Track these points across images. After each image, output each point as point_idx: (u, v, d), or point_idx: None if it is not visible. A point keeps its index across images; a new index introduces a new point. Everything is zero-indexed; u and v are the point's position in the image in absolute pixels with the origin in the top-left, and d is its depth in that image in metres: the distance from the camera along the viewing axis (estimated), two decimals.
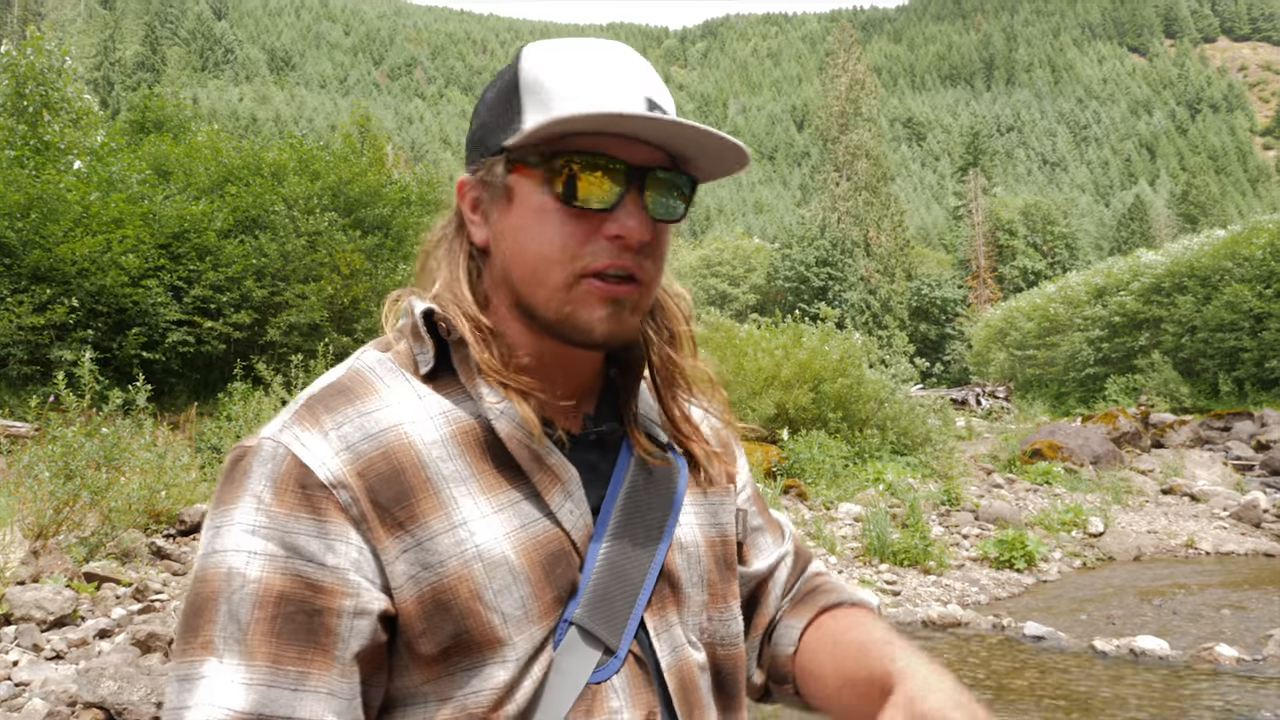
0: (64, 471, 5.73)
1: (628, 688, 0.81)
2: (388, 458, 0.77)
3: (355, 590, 0.73)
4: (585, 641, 0.80)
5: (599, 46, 0.84)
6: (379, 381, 0.81)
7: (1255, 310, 27.67)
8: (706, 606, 0.91)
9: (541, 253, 0.81)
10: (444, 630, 0.75)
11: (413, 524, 0.76)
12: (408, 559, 0.75)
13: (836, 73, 54.75)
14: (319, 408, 0.79)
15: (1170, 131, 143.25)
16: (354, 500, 0.75)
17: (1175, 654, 5.32)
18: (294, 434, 0.77)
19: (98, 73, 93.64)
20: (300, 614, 0.72)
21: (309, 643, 0.71)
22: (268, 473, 0.75)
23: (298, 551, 0.73)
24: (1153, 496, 10.90)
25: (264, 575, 0.72)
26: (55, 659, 4.30)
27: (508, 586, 0.76)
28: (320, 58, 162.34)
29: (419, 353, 0.84)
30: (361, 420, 0.78)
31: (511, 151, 0.82)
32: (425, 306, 0.83)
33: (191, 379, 13.47)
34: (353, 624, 0.73)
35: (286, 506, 0.74)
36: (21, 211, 11.90)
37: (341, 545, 0.74)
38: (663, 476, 0.90)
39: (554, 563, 0.79)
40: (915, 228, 75.28)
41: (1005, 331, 40.31)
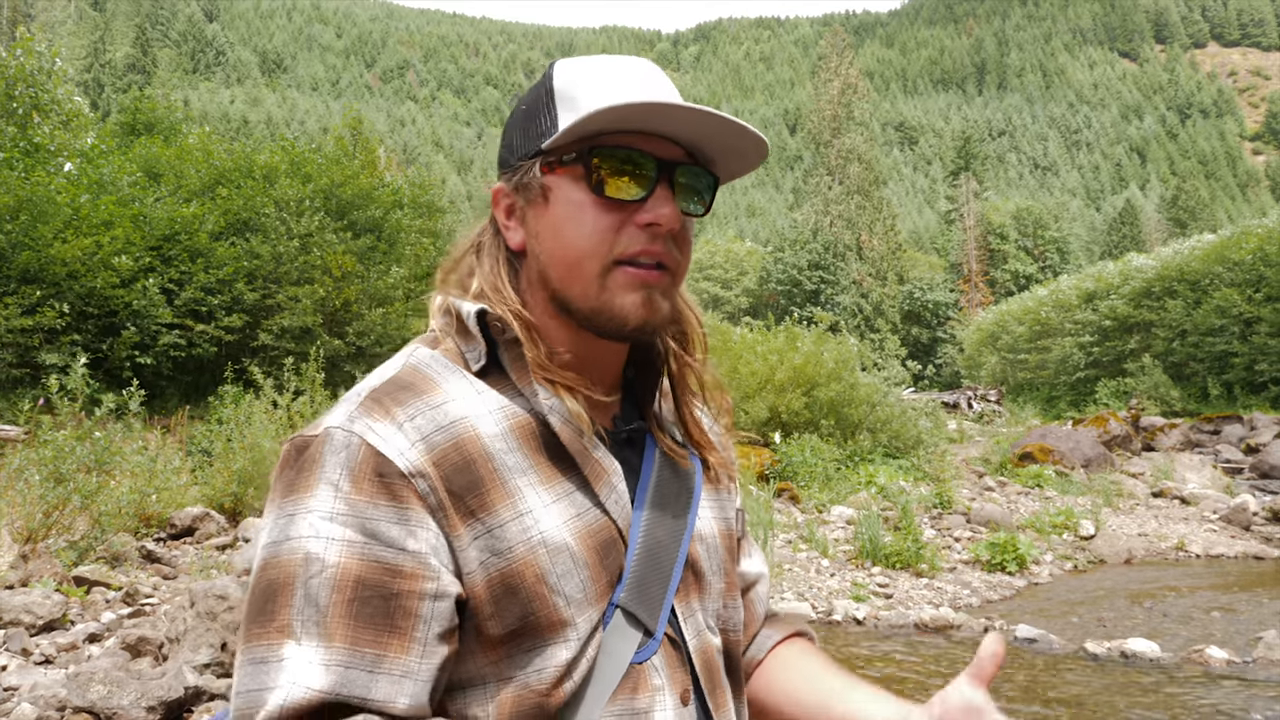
0: (54, 475, 5.69)
1: (665, 667, 0.86)
2: (459, 449, 0.81)
3: (436, 574, 0.77)
4: (629, 624, 0.85)
5: (627, 60, 0.90)
6: (438, 377, 0.86)
7: (1245, 314, 27.83)
8: (723, 594, 0.98)
9: (579, 245, 0.86)
10: (512, 613, 0.79)
11: (483, 512, 0.80)
12: (478, 545, 0.79)
13: (829, 77, 54.89)
14: (386, 400, 0.82)
15: (1160, 136, 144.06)
16: (431, 489, 0.78)
17: (1166, 656, 5.34)
18: (366, 424, 0.79)
19: (88, 74, 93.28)
20: (377, 598, 0.75)
21: (385, 626, 0.74)
22: (342, 461, 0.78)
23: (377, 537, 0.76)
24: (1143, 499, 10.95)
25: (342, 560, 0.75)
26: (44, 663, 4.28)
27: (569, 571, 0.81)
28: (312, 60, 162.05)
29: (468, 350, 0.88)
30: (432, 413, 0.82)
31: (547, 153, 0.87)
32: (478, 306, 0.87)
33: (182, 382, 13.41)
34: (434, 606, 0.76)
35: (366, 494, 0.77)
36: (11, 214, 11.84)
37: (422, 531, 0.77)
38: (682, 472, 0.96)
39: (606, 549, 0.85)
40: (907, 231, 75.49)
41: (997, 335, 40.46)
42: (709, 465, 1.00)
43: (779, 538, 8.01)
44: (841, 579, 7.10)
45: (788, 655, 1.07)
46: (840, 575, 7.21)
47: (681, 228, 0.88)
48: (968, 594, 6.96)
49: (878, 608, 6.44)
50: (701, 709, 0.90)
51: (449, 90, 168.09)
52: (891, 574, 7.26)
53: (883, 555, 7.44)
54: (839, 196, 52.24)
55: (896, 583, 7.07)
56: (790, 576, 7.09)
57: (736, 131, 0.85)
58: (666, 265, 0.88)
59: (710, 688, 0.91)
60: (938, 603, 6.66)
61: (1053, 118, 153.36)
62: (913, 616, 6.20)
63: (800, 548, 7.87)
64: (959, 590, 7.01)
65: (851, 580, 7.06)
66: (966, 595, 6.93)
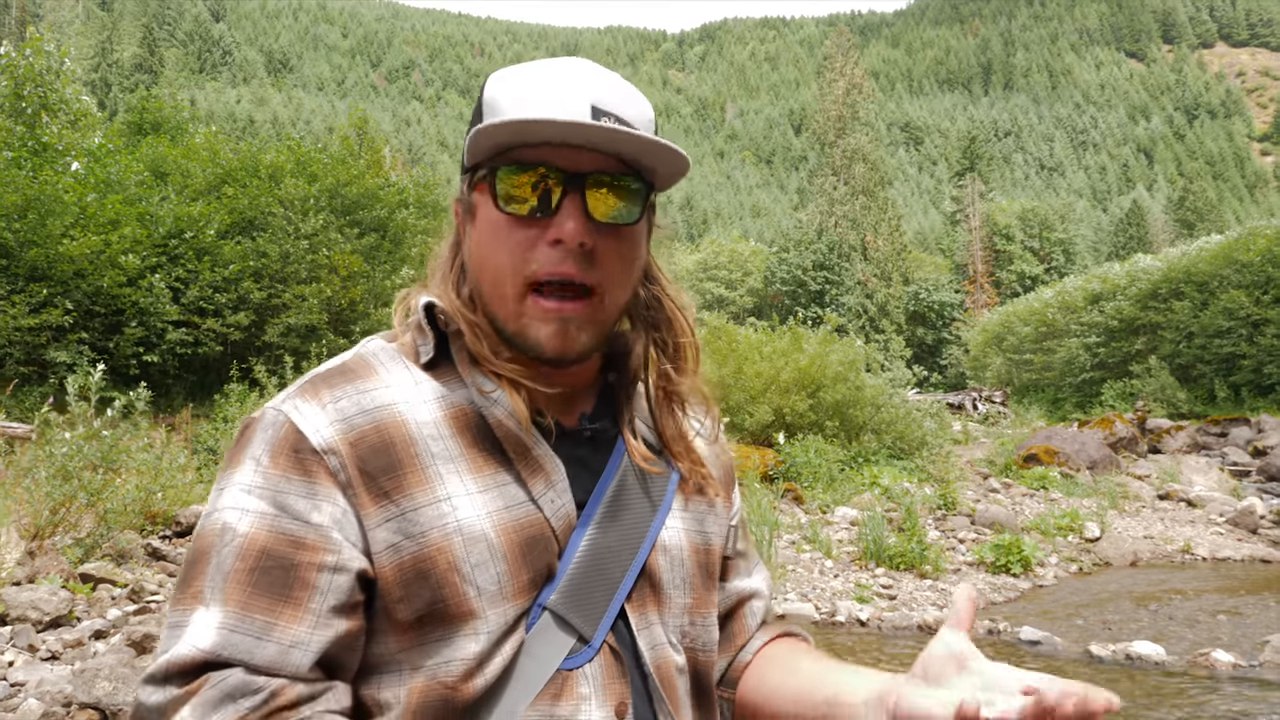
0: (61, 473, 5.72)
1: (600, 677, 0.83)
2: (379, 431, 0.82)
3: (336, 547, 0.78)
4: (559, 628, 0.82)
5: (556, 64, 0.87)
6: (380, 365, 0.88)
7: (1252, 316, 27.73)
8: (689, 610, 0.93)
9: (495, 264, 0.86)
10: (421, 598, 0.79)
11: (398, 494, 0.80)
12: (390, 527, 0.80)
13: (834, 77, 54.82)
14: (320, 384, 0.85)
15: (1168, 137, 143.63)
16: (342, 466, 0.80)
17: (1171, 659, 5.32)
18: (294, 404, 0.83)
19: (95, 74, 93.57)
20: (277, 568, 0.77)
21: (281, 596, 0.76)
22: (268, 438, 0.82)
23: (286, 510, 0.78)
24: (1149, 502, 10.91)
25: (251, 530, 0.78)
26: (51, 659, 4.30)
27: (484, 562, 0.80)
28: (318, 60, 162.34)
29: (421, 343, 0.90)
30: (359, 396, 0.84)
31: (471, 171, 0.89)
32: (426, 300, 0.90)
33: (188, 380, 13.45)
34: (332, 579, 0.77)
35: (280, 468, 0.80)
36: (19, 212, 11.89)
37: (327, 505, 0.79)
38: (653, 479, 0.93)
39: (532, 546, 0.83)
40: (912, 232, 75.39)
41: (1002, 336, 40.36)
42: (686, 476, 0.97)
43: (783, 538, 8.01)
44: (845, 580, 7.10)
45: (774, 653, 1.05)
46: (844, 576, 7.20)
47: (597, 242, 0.84)
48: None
49: (881, 609, 6.44)
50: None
51: (454, 90, 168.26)
52: (895, 575, 7.25)
53: (886, 556, 7.43)
54: (844, 197, 52.18)
55: (900, 584, 7.06)
56: (794, 577, 7.09)
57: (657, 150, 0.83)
58: (587, 284, 0.84)
59: (660, 705, 0.87)
60: (941, 604, 6.65)
61: (1059, 118, 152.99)
62: (916, 618, 6.19)
63: (804, 548, 7.87)
64: None
65: (855, 581, 7.05)
66: None
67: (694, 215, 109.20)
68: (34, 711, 3.52)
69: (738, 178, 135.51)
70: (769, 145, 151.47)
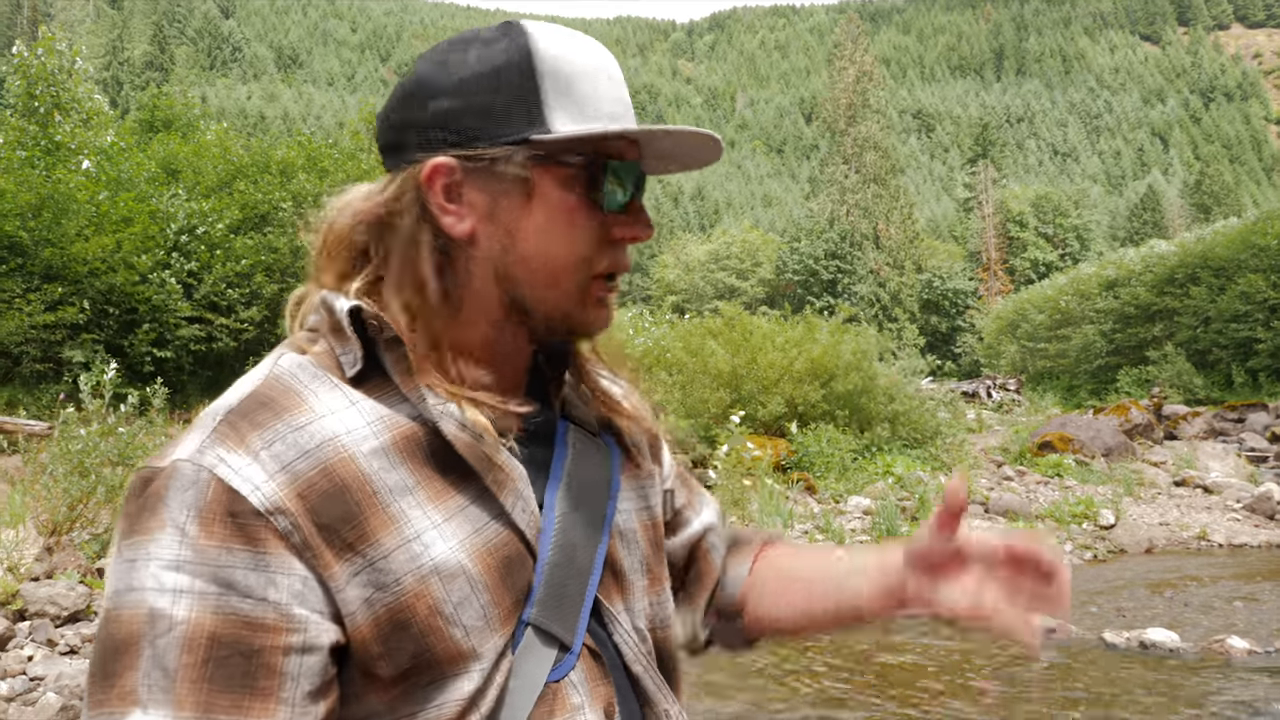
0: (78, 469, 5.78)
1: (585, 681, 0.79)
2: (328, 475, 0.70)
3: (302, 625, 0.67)
4: (542, 641, 0.77)
5: (594, 44, 0.82)
6: (304, 389, 0.74)
7: (1270, 300, 27.45)
8: (646, 591, 0.90)
9: (570, 254, 0.79)
10: (404, 651, 0.71)
11: (363, 544, 0.70)
12: (359, 581, 0.69)
13: (844, 64, 54.53)
14: (242, 424, 0.71)
15: (1183, 120, 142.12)
16: (295, 526, 0.68)
17: (1186, 646, 5.30)
18: (217, 455, 0.69)
19: (106, 72, 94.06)
20: (235, 656, 0.65)
21: (245, 688, 0.65)
22: (189, 500, 0.67)
23: (232, 587, 0.66)
24: (1165, 488, 10.85)
25: (193, 615, 0.65)
26: (69, 654, 4.35)
27: (467, 598, 0.72)
28: (327, 55, 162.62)
29: (342, 353, 0.77)
30: (294, 436, 0.71)
31: (539, 147, 0.77)
32: (351, 304, 0.76)
33: (203, 376, 13.55)
34: (302, 661, 0.67)
35: (216, 539, 0.66)
36: (33, 211, 11.98)
37: (283, 578, 0.67)
38: (597, 463, 0.88)
39: (510, 566, 0.76)
40: (925, 220, 74.96)
41: (1016, 324, 40.11)
42: (626, 447, 0.93)
43: (796, 528, 8.00)
44: None
45: (762, 575, 1.04)
46: None
47: None
48: None
49: None
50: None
51: None
52: None
53: None
54: (855, 185, 51.96)
55: None
56: None
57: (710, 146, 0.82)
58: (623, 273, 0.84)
59: (640, 696, 0.84)
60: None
61: (1073, 103, 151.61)
62: None
63: (816, 538, 7.86)
64: None
65: None
66: None
67: (705, 205, 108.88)
68: (53, 705, 3.56)
69: (749, 167, 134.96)
70: (780, 134, 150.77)
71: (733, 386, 10.76)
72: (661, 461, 1.01)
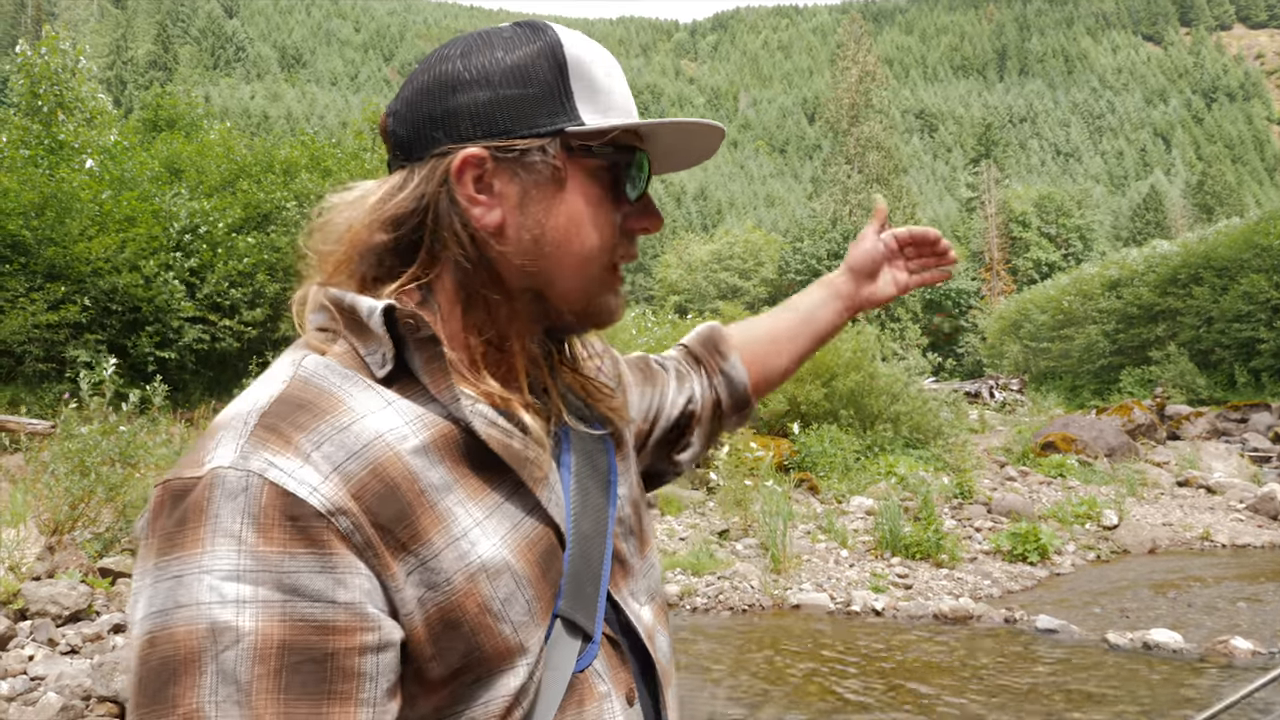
0: (80, 468, 5.78)
1: (608, 669, 0.81)
2: (379, 475, 0.69)
3: (376, 623, 0.66)
4: (568, 632, 0.78)
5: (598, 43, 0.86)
6: (339, 390, 0.73)
7: (1272, 301, 27.42)
8: (641, 565, 0.92)
9: (594, 244, 0.81)
10: (455, 650, 0.70)
11: (415, 543, 0.70)
12: (413, 581, 0.69)
13: (847, 65, 54.48)
14: (282, 425, 0.69)
15: (1186, 120, 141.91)
16: (356, 527, 0.67)
17: (1189, 647, 5.29)
18: (264, 460, 0.67)
19: (110, 72, 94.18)
20: (309, 663, 0.63)
21: (323, 694, 0.64)
22: (241, 507, 0.65)
23: (299, 592, 0.64)
24: (1168, 489, 10.83)
25: (259, 625, 0.62)
26: (70, 653, 4.34)
27: (513, 593, 0.73)
28: (331, 55, 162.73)
29: (368, 354, 0.75)
30: (340, 436, 0.70)
31: (574, 138, 0.79)
32: (385, 303, 0.75)
33: (206, 376, 13.56)
34: (379, 660, 0.66)
35: (277, 544, 0.64)
36: (37, 210, 11.99)
37: (352, 578, 0.66)
38: (598, 456, 0.90)
39: (548, 559, 0.77)
40: (928, 220, 74.93)
41: (1019, 324, 40.09)
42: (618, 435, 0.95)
43: (798, 528, 7.99)
44: (861, 569, 7.08)
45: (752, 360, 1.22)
46: (859, 566, 7.18)
47: None
48: (988, 584, 6.92)
49: (897, 598, 6.42)
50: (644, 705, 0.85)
51: None
52: (911, 564, 7.23)
53: (902, 546, 7.41)
54: (858, 185, 51.93)
55: (916, 573, 7.04)
56: (809, 567, 7.08)
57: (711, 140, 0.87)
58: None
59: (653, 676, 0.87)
60: (958, 593, 6.62)
61: (1075, 103, 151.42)
62: (932, 607, 6.18)
63: (819, 538, 7.85)
64: (979, 581, 6.98)
65: (871, 571, 7.03)
66: (987, 586, 6.89)
67: (708, 205, 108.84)
68: (53, 705, 3.56)
69: (751, 167, 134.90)
70: (783, 134, 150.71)
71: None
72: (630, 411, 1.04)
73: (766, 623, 6.01)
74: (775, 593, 6.46)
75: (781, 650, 5.42)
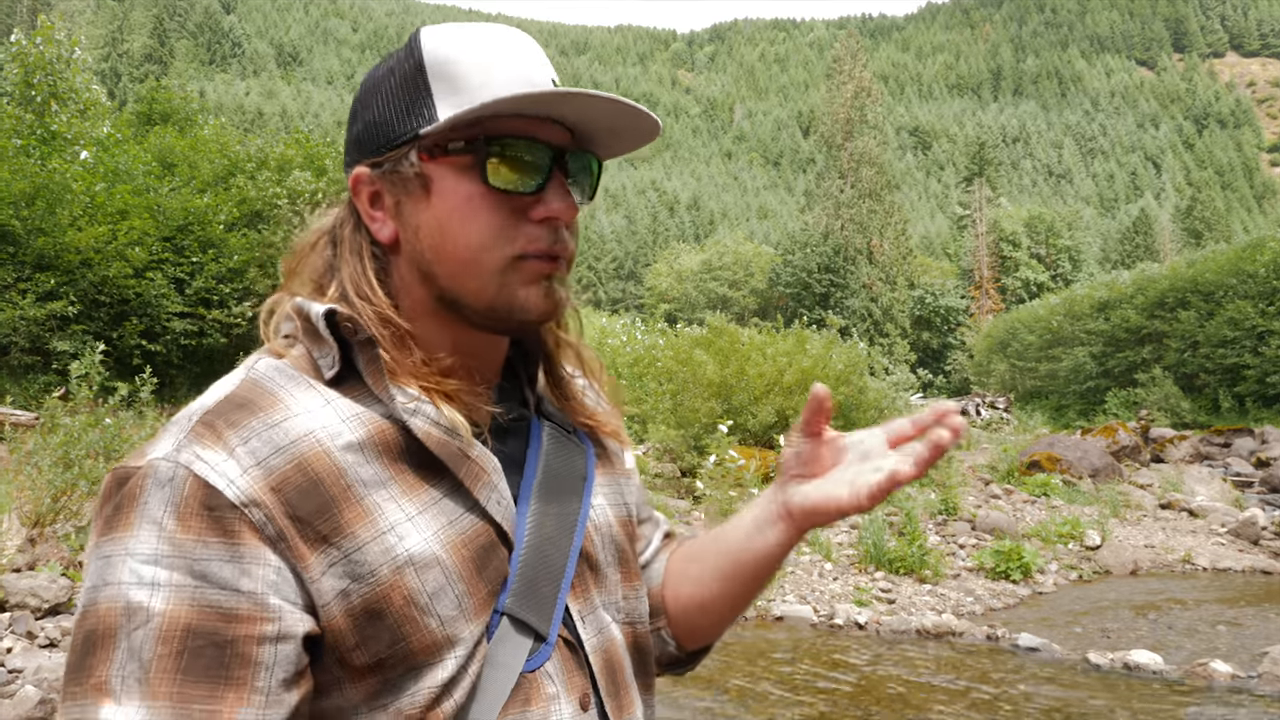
0: (63, 460, 5.74)
1: (561, 672, 0.81)
2: (302, 469, 0.72)
3: (276, 614, 0.69)
4: (517, 630, 0.79)
5: (498, 30, 0.83)
6: (281, 390, 0.77)
7: (1258, 327, 27.68)
8: (620, 585, 0.92)
9: (474, 242, 0.80)
10: (379, 640, 0.72)
11: (337, 536, 0.72)
12: (335, 573, 0.71)
13: (842, 80, 54.76)
14: (218, 423, 0.73)
15: (1177, 146, 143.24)
16: (269, 519, 0.70)
17: (1169, 669, 5.31)
18: (193, 453, 0.70)
19: (105, 64, 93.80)
20: (210, 647, 0.66)
21: (220, 678, 0.66)
22: (166, 497, 0.69)
23: (207, 579, 0.67)
24: (1151, 511, 10.89)
25: (168, 608, 0.66)
26: (49, 646, 4.31)
27: (442, 588, 0.74)
28: (328, 54, 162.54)
29: (319, 356, 0.79)
30: (269, 433, 0.73)
31: (425, 140, 0.79)
32: (326, 307, 0.78)
33: (192, 371, 13.50)
34: (276, 650, 0.68)
35: (193, 532, 0.68)
36: (27, 200, 11.92)
37: (257, 568, 0.69)
38: (571, 459, 0.90)
39: (485, 557, 0.78)
40: (919, 236, 75.26)
41: (1006, 342, 40.33)
42: (602, 445, 0.95)
43: None
44: (844, 583, 7.09)
45: (676, 563, 1.05)
46: (843, 579, 7.20)
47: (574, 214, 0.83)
48: (971, 601, 6.94)
49: (880, 613, 6.43)
50: (601, 713, 0.84)
51: None
52: (895, 579, 7.25)
53: (886, 560, 7.43)
54: (850, 200, 52.13)
55: (899, 588, 7.05)
56: (793, 579, 7.09)
57: (633, 114, 0.81)
58: (561, 256, 0.83)
59: (612, 689, 0.85)
60: (940, 609, 6.64)
61: (1068, 125, 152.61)
62: (915, 622, 6.19)
63: (803, 550, 7.87)
64: (962, 597, 7.00)
65: (854, 585, 7.05)
66: (970, 602, 6.91)
67: (700, 216, 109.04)
68: (30, 698, 3.53)
69: (745, 179, 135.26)
70: (776, 147, 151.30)
71: (723, 397, 10.76)
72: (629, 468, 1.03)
73: (750, 634, 6.01)
74: (759, 604, 6.47)
75: (764, 662, 5.42)
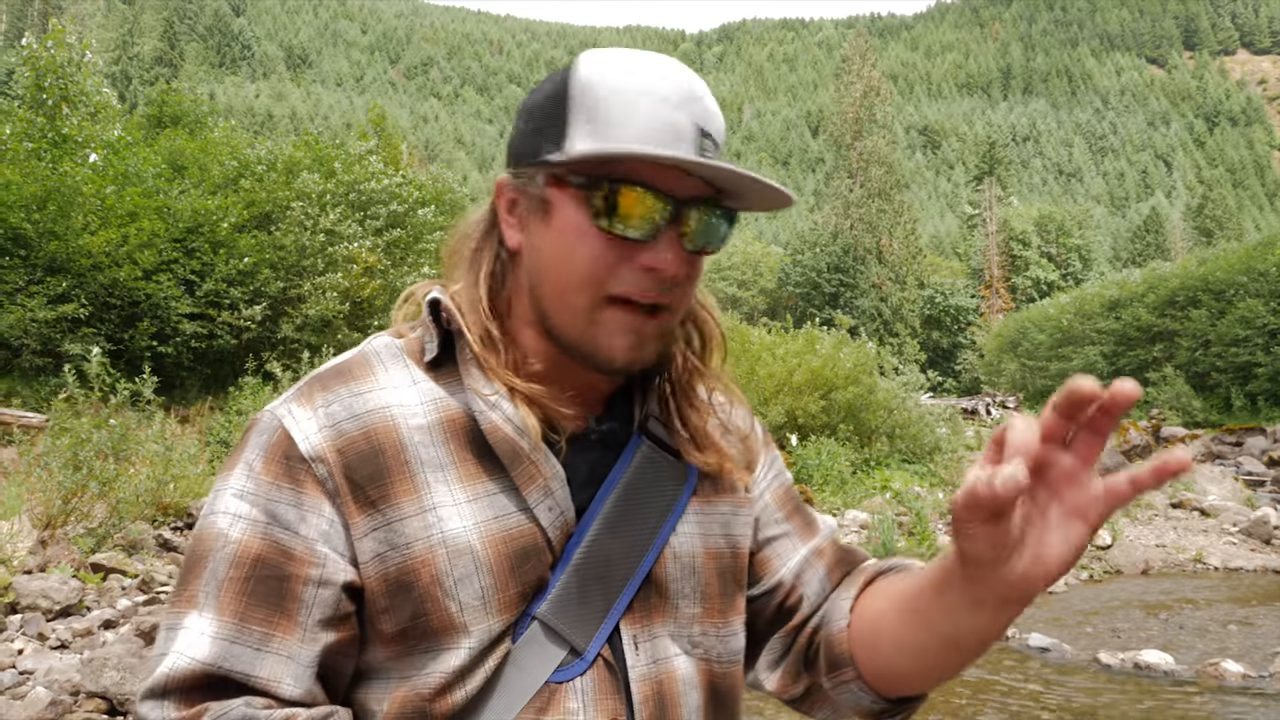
0: (73, 462, 5.76)
1: (591, 691, 0.79)
2: (368, 437, 0.79)
3: (321, 560, 0.77)
4: (549, 639, 0.79)
5: (655, 67, 0.80)
6: (378, 365, 0.85)
7: (1269, 325, 27.49)
8: (699, 619, 0.87)
9: (574, 274, 0.80)
10: (403, 611, 0.77)
11: (384, 503, 0.78)
12: (376, 537, 0.78)
13: (851, 79, 54.60)
14: (316, 386, 0.83)
15: (1187, 144, 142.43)
16: (330, 474, 0.78)
17: (1180, 669, 5.28)
18: (289, 408, 0.81)
19: (116, 67, 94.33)
20: (272, 578, 0.76)
21: (276, 606, 0.76)
22: (262, 443, 0.80)
23: (276, 519, 0.77)
24: (1162, 510, 10.83)
25: (244, 538, 0.77)
26: (60, 648, 4.33)
27: (469, 575, 0.77)
28: (337, 56, 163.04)
29: (427, 340, 0.86)
30: (351, 400, 0.81)
31: (553, 167, 0.80)
32: (433, 296, 0.86)
33: (202, 373, 13.54)
34: (317, 593, 0.76)
35: (271, 475, 0.78)
36: (39, 203, 11.98)
37: (313, 517, 0.77)
38: (665, 481, 0.88)
39: (523, 557, 0.79)
40: (928, 236, 75.01)
41: (1017, 342, 40.18)
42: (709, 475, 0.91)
43: None
44: None
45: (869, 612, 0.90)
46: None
47: (693, 265, 0.82)
48: None
49: None
50: None
51: (472, 88, 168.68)
52: None
53: None
54: (860, 199, 51.97)
55: None
56: None
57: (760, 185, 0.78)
58: (663, 305, 0.81)
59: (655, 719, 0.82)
60: None
61: (1078, 123, 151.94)
62: None
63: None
64: None
65: None
66: None
67: None
68: (41, 699, 3.54)
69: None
70: (786, 147, 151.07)
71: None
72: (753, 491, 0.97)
73: None
74: None
75: None
